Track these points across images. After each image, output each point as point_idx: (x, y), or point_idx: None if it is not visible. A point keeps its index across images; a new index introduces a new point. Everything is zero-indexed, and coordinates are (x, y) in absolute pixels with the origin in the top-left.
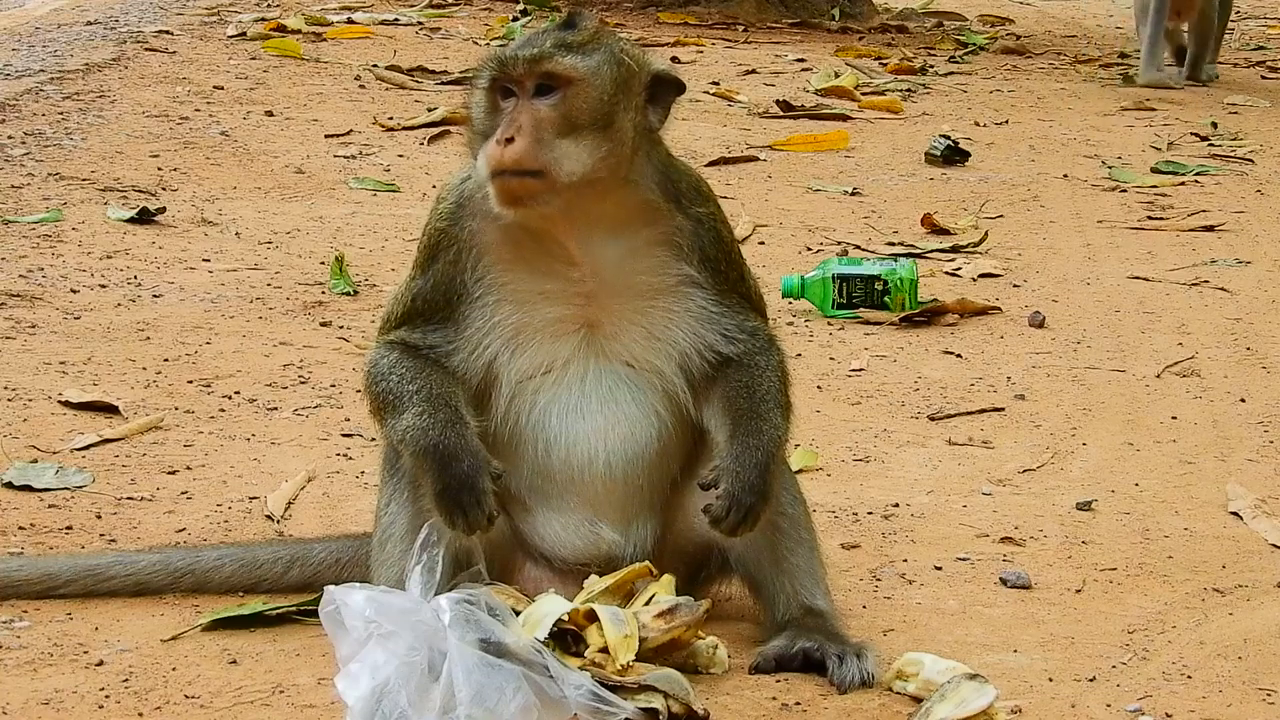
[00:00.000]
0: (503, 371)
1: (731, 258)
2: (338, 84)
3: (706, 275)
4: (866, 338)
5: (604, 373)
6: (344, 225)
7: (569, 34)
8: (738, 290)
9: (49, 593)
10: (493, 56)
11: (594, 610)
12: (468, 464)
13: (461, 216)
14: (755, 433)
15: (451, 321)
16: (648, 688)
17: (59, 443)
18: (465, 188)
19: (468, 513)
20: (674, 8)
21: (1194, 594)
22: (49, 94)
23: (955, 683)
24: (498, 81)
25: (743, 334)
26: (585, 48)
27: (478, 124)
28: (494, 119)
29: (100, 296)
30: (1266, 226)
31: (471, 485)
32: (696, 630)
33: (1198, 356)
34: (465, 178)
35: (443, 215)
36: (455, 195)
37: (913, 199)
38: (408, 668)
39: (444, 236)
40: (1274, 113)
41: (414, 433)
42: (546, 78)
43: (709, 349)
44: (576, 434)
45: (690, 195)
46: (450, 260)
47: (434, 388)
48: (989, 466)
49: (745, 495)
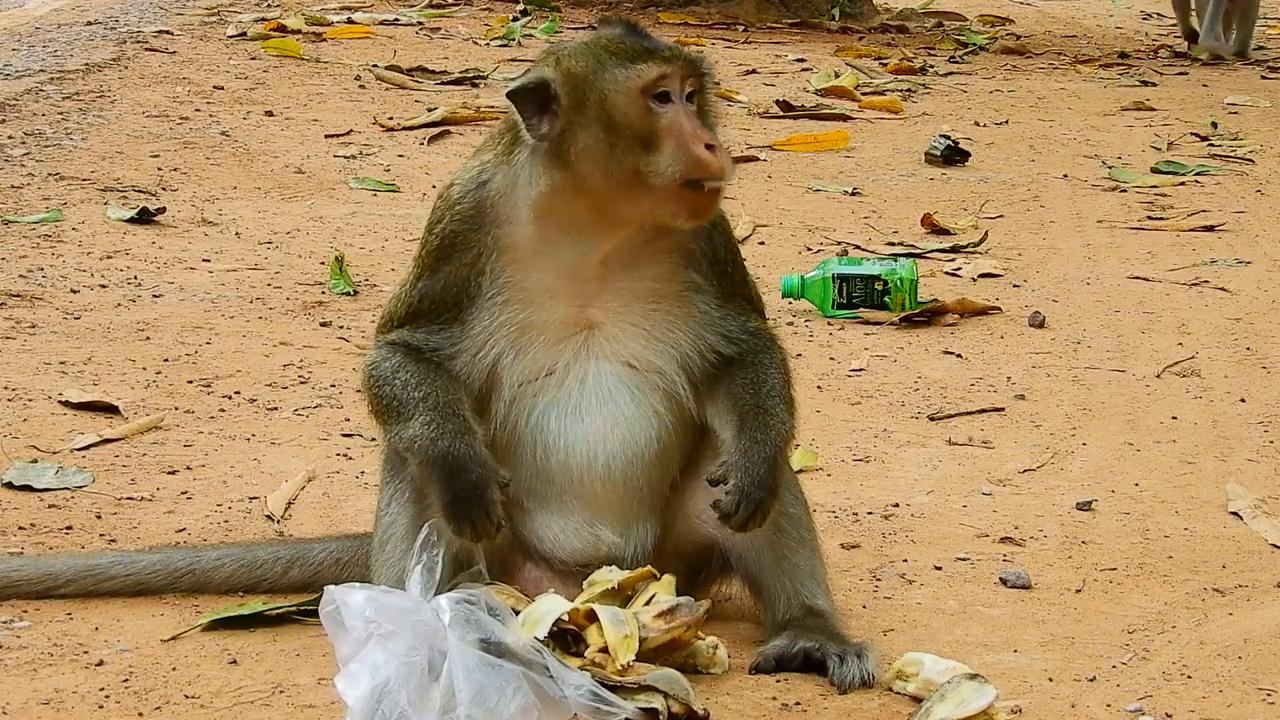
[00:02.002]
0: (505, 373)
1: (737, 260)
2: (338, 84)
3: (713, 279)
4: (866, 338)
5: (604, 374)
6: (344, 225)
7: (655, 40)
8: (741, 293)
9: (49, 593)
10: (666, 55)
11: (594, 610)
12: (476, 474)
13: (483, 220)
14: (763, 428)
15: (458, 322)
16: (648, 688)
17: (59, 443)
18: (482, 194)
19: (476, 523)
20: (674, 8)
21: (1194, 594)
22: (49, 94)
23: (955, 683)
24: (660, 84)
25: (745, 335)
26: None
27: (582, 132)
28: (649, 120)
29: (100, 296)
30: (1266, 226)
31: (480, 495)
32: (696, 630)
33: (1198, 356)
34: (481, 180)
35: (461, 217)
36: (473, 198)
37: (913, 199)
38: (408, 668)
39: (460, 239)
40: (1274, 113)
41: (422, 442)
42: (698, 82)
43: (711, 350)
44: (575, 437)
45: None
46: (467, 262)
47: (440, 395)
48: (989, 466)
49: (755, 490)
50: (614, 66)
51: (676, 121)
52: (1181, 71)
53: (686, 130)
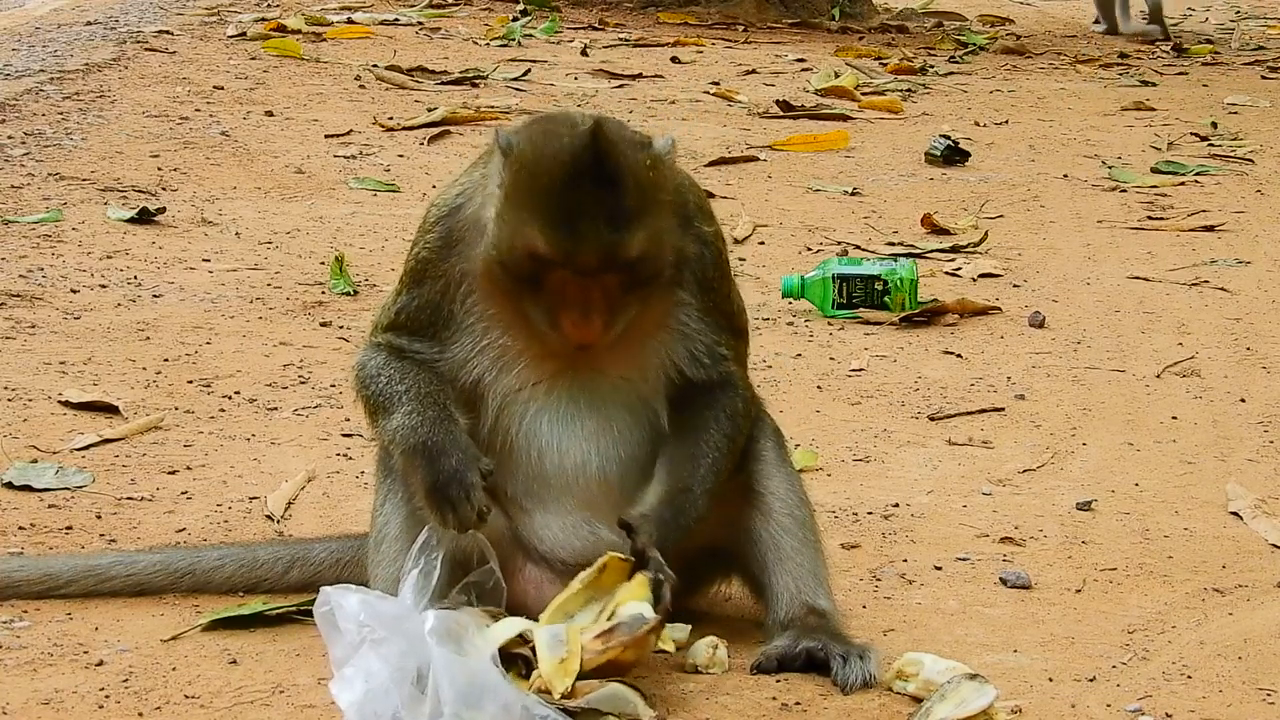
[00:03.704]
0: (490, 388)
1: (725, 277)
2: (338, 84)
3: (697, 294)
4: (866, 338)
5: (591, 382)
6: (344, 225)
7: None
8: (722, 309)
9: (49, 593)
10: (567, 248)
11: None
12: (456, 459)
13: (450, 252)
14: (683, 494)
15: (438, 340)
16: (591, 710)
17: (59, 443)
18: (453, 222)
19: (457, 507)
20: (674, 8)
21: (1194, 594)
22: (49, 94)
23: (955, 683)
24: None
25: (711, 361)
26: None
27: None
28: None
29: (100, 296)
30: (1266, 226)
31: (460, 480)
32: (641, 649)
33: (1198, 356)
34: (456, 205)
35: (430, 247)
36: (444, 227)
37: (913, 199)
38: (400, 673)
39: (430, 267)
40: (1274, 113)
41: (403, 431)
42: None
43: (673, 366)
44: (568, 440)
45: (698, 214)
46: (438, 289)
47: (422, 386)
48: (989, 466)
49: (656, 547)
50: (532, 206)
51: (563, 286)
52: (1181, 71)
53: (567, 298)
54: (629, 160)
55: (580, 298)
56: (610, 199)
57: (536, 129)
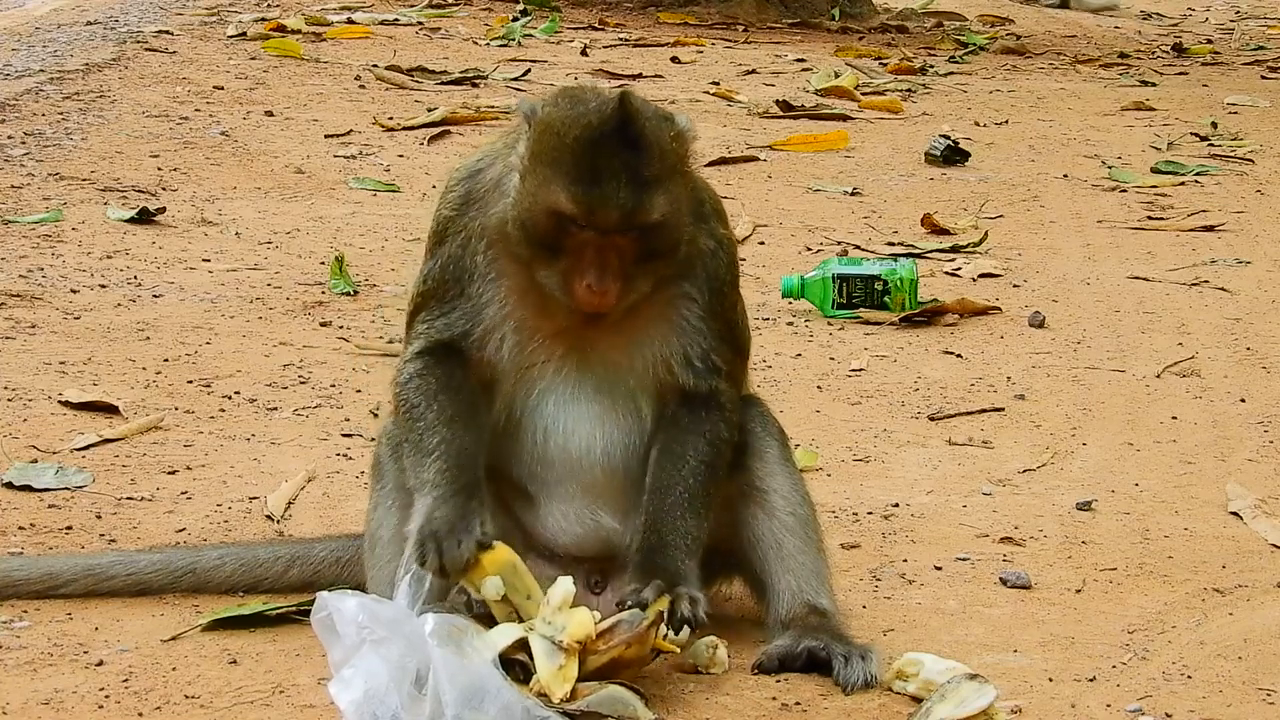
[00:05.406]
0: (506, 354)
1: (734, 284)
2: (338, 84)
3: (704, 292)
4: (866, 338)
5: (599, 364)
6: (344, 225)
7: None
8: (725, 316)
9: (49, 593)
10: (592, 200)
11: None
12: (461, 533)
13: (469, 207)
14: (670, 544)
15: (465, 297)
16: (591, 713)
17: (59, 443)
18: (473, 184)
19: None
20: (674, 8)
21: (1194, 594)
22: (49, 94)
23: (955, 683)
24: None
25: (702, 365)
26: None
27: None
28: (558, 236)
29: (100, 296)
30: (1266, 226)
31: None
32: (643, 647)
33: (1198, 356)
34: (477, 169)
35: (450, 204)
36: (464, 186)
37: (913, 199)
38: (400, 673)
39: (450, 224)
40: (1274, 113)
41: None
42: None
43: (664, 364)
44: (574, 422)
45: (713, 214)
46: (459, 245)
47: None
48: (989, 466)
49: (661, 588)
50: (556, 164)
51: (580, 249)
52: (1181, 71)
53: (583, 260)
54: (653, 127)
55: (596, 260)
56: (634, 161)
57: (563, 97)
